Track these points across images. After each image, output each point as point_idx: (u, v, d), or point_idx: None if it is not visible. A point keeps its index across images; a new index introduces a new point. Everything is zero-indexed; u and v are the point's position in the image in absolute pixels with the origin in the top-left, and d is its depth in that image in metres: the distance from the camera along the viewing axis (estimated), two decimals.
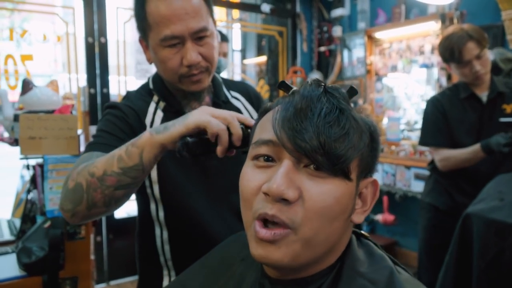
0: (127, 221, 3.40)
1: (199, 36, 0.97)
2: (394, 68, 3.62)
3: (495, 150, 1.74)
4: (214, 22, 1.04)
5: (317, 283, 0.60)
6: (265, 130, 0.59)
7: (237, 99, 1.15)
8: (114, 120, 0.99)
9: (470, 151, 1.83)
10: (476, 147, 1.80)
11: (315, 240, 0.56)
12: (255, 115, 1.13)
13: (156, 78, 1.08)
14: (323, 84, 0.59)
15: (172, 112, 1.04)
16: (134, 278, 3.36)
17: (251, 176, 0.58)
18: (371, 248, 0.65)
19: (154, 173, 1.01)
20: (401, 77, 3.64)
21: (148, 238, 1.06)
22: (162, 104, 1.06)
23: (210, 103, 1.09)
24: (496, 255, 1.43)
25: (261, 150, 0.58)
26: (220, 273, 0.73)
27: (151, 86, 1.08)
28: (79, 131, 1.38)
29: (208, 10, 1.00)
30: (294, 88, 0.61)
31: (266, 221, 0.56)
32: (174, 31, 0.94)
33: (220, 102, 1.09)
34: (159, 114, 1.04)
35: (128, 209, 4.07)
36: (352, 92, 0.61)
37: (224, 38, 2.48)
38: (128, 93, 1.10)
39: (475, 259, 1.49)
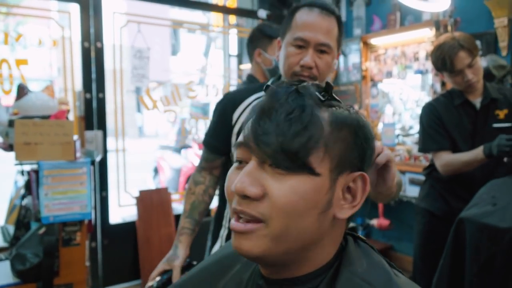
0: (122, 227, 3.39)
1: (321, 49, 1.19)
2: (389, 74, 3.64)
3: (494, 154, 1.74)
4: (338, 53, 1.29)
5: (313, 283, 0.61)
6: (242, 132, 0.63)
7: None
8: (216, 118, 1.39)
9: (471, 155, 1.83)
10: (478, 150, 1.81)
11: (286, 236, 0.57)
12: None
13: (274, 80, 1.38)
14: (296, 83, 0.62)
15: None
16: (129, 284, 3.34)
17: (231, 177, 0.62)
18: (368, 251, 0.66)
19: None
20: (396, 83, 3.67)
21: (222, 200, 1.49)
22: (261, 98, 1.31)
23: None
24: (488, 259, 1.45)
25: (237, 153, 0.62)
26: (220, 277, 0.74)
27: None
28: (75, 137, 1.38)
29: (338, 38, 1.24)
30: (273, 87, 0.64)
31: (240, 218, 0.59)
32: (305, 35, 1.18)
33: None
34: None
35: (124, 214, 4.06)
36: (328, 87, 0.63)
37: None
38: (248, 85, 1.44)
39: (468, 263, 1.50)
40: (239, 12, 3.97)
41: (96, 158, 1.77)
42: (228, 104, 1.37)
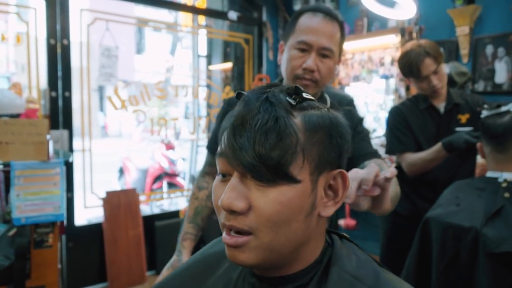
0: (88, 229, 3.31)
1: (324, 53, 1.21)
2: (356, 78, 3.74)
3: (455, 146, 1.83)
4: (340, 59, 1.30)
5: (303, 280, 0.64)
6: (220, 143, 0.63)
7: None
8: (219, 123, 1.37)
9: (432, 151, 1.92)
10: (438, 147, 1.89)
11: (276, 244, 0.59)
12: None
13: (278, 81, 1.35)
14: (269, 90, 0.62)
15: None
16: (95, 287, 3.27)
17: (217, 190, 0.64)
18: (354, 249, 0.70)
19: None
20: (363, 87, 3.77)
21: None
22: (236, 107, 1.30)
23: None
24: (453, 257, 1.52)
25: (219, 164, 0.63)
26: (206, 275, 0.75)
27: None
28: (48, 137, 1.35)
29: (340, 44, 1.26)
30: (245, 94, 0.64)
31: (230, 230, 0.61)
32: (308, 39, 1.20)
33: None
34: None
35: (89, 216, 3.96)
36: (297, 90, 0.63)
37: None
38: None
39: (434, 261, 1.57)
40: (209, 13, 3.97)
41: (68, 158, 1.73)
42: (229, 109, 1.34)
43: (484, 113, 1.69)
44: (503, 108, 1.62)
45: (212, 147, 1.43)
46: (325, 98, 1.36)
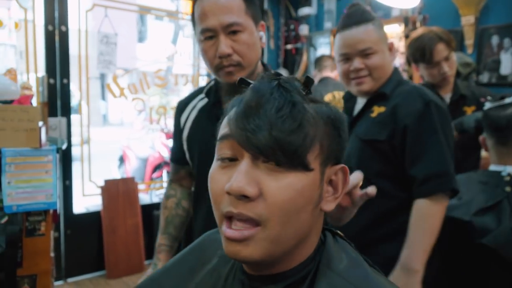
0: (86, 216, 3.30)
1: (232, 30, 1.07)
2: None
3: (465, 127, 1.79)
4: (261, 24, 1.16)
5: (295, 277, 0.61)
6: (226, 126, 0.59)
7: None
8: (173, 127, 1.34)
9: None
10: None
11: (284, 235, 0.56)
12: None
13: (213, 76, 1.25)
14: (278, 78, 0.59)
15: (210, 105, 1.21)
16: (92, 275, 3.27)
17: (217, 177, 0.59)
18: (346, 247, 0.66)
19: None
20: None
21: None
22: (205, 100, 1.24)
23: None
24: (450, 250, 1.50)
25: (223, 146, 0.59)
26: (197, 270, 0.72)
27: (205, 83, 1.28)
28: (40, 123, 1.32)
29: (247, 10, 1.10)
30: (252, 83, 0.61)
31: (232, 219, 0.56)
32: (207, 24, 1.06)
33: None
34: (194, 113, 1.25)
35: (87, 204, 3.95)
36: (309, 81, 0.61)
37: None
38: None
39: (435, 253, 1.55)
40: None
41: (62, 145, 1.70)
42: (176, 110, 1.33)
43: (487, 105, 1.65)
44: (507, 100, 1.58)
45: (171, 153, 1.37)
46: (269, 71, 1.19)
